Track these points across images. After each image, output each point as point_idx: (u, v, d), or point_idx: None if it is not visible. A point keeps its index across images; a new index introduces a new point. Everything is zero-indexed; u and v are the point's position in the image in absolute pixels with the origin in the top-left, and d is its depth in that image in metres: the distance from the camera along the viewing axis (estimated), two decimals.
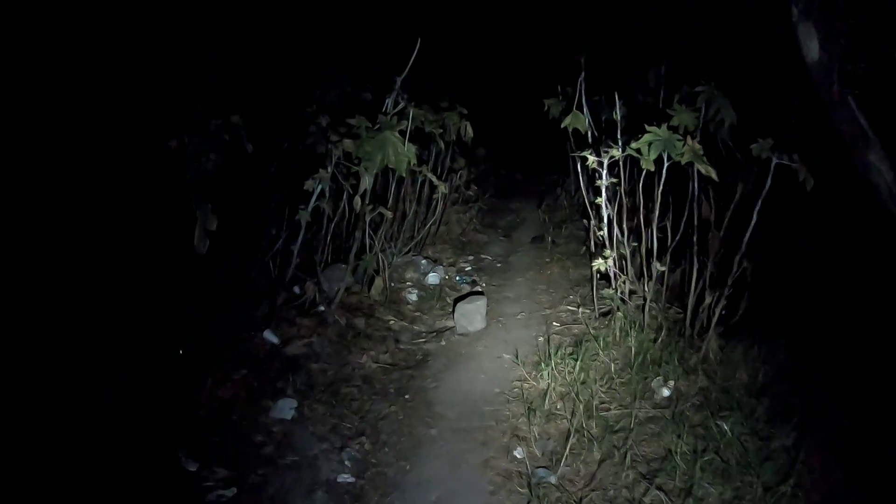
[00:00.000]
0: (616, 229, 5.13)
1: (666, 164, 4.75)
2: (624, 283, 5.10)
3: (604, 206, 4.97)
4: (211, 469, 3.76)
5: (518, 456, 4.07)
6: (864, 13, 4.98)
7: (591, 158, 4.85)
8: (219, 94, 5.13)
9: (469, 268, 7.27)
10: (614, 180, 4.97)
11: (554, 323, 5.68)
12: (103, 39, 4.79)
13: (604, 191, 4.96)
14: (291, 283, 5.82)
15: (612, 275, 5.11)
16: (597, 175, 5.08)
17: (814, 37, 5.01)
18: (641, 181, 5.12)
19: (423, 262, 6.83)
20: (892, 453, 3.80)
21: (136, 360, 4.19)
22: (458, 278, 6.84)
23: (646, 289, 5.20)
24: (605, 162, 4.84)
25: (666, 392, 4.50)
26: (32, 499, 3.21)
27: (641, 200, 5.17)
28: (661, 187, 4.85)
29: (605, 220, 5.00)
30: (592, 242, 5.43)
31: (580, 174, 5.90)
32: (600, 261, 4.92)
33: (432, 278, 6.61)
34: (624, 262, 5.23)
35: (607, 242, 5.04)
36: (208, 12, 5.64)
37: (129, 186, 4.54)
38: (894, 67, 4.91)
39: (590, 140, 6.37)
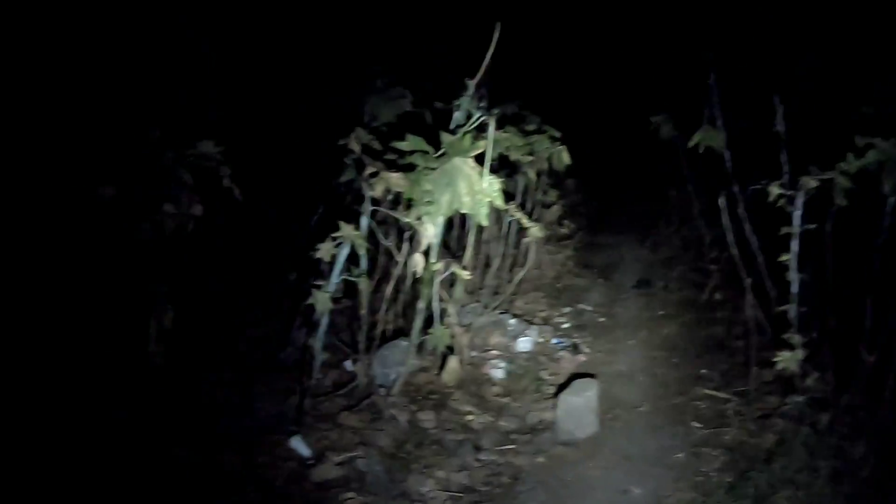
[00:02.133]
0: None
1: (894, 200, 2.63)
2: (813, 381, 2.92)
3: (794, 265, 2.80)
4: None
5: None
6: None
7: (776, 191, 2.71)
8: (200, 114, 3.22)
9: (567, 324, 5.26)
10: (812, 226, 2.80)
11: (694, 423, 3.60)
12: None
13: (794, 242, 2.80)
14: (339, 357, 3.98)
15: (799, 372, 2.91)
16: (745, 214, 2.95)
17: None
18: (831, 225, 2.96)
19: (512, 321, 4.87)
20: None
21: None
22: (554, 341, 4.87)
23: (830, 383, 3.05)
24: (800, 199, 2.68)
25: None
26: None
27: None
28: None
29: (797, 286, 2.80)
30: (754, 321, 3.29)
31: (724, 211, 3.77)
32: (787, 354, 2.76)
33: (523, 344, 4.66)
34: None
35: (795, 323, 2.85)
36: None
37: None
38: None
39: (727, 164, 4.27)
